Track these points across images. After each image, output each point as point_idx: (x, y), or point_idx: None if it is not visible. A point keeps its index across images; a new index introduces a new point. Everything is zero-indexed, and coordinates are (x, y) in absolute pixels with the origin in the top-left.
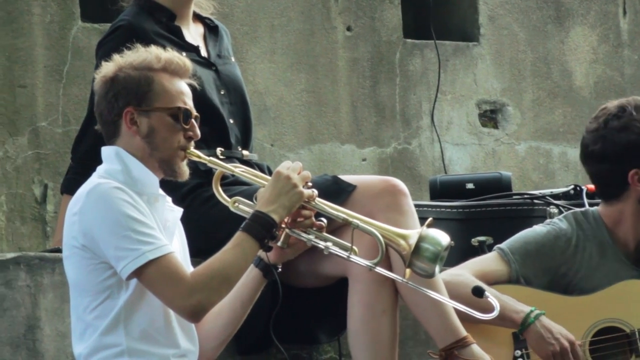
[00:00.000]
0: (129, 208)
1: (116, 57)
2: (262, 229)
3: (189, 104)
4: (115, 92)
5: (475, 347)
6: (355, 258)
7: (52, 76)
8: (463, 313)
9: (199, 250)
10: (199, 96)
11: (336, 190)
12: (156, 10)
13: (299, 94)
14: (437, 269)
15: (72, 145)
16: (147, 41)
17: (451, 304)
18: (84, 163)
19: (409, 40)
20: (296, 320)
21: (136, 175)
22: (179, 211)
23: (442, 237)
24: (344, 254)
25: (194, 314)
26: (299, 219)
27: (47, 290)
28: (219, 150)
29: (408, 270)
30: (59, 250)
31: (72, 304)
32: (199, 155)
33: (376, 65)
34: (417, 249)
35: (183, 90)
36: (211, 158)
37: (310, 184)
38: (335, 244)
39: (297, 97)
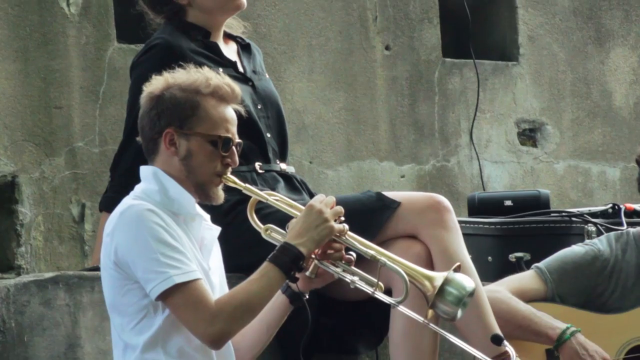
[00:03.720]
0: (159, 231)
1: (166, 75)
2: (289, 260)
3: (232, 131)
4: (159, 110)
5: None
6: (379, 295)
7: (88, 97)
8: (500, 322)
9: (241, 266)
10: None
11: (381, 207)
12: (190, 29)
13: (337, 112)
14: (459, 312)
15: (111, 164)
16: (184, 59)
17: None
18: (122, 181)
19: (448, 60)
20: (335, 331)
21: (173, 195)
22: (216, 230)
23: (467, 282)
24: (369, 289)
25: (215, 342)
26: (328, 252)
27: (87, 309)
28: (257, 164)
29: (430, 311)
30: (98, 269)
31: (112, 323)
32: (235, 181)
33: (415, 83)
34: (442, 292)
35: (227, 118)
36: (247, 185)
37: (342, 218)
38: (362, 278)
39: (335, 115)
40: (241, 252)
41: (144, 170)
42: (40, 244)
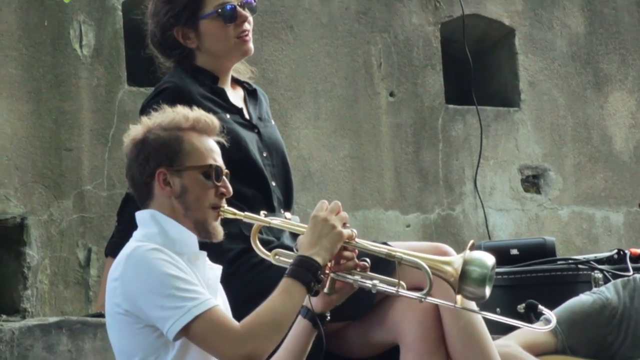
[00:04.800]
0: (168, 267)
1: (144, 119)
2: (307, 272)
3: (219, 161)
4: (146, 153)
5: None
6: (404, 292)
7: (98, 140)
8: None
9: (245, 316)
10: (244, 158)
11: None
12: (199, 74)
13: (342, 159)
14: (487, 290)
15: (118, 208)
16: (192, 103)
17: None
18: (129, 226)
19: (451, 106)
20: None
21: (174, 235)
22: (218, 269)
23: (487, 258)
24: (392, 289)
25: None
26: (342, 262)
27: (88, 356)
28: (262, 212)
29: (459, 297)
30: (102, 315)
31: None
32: (233, 212)
33: (419, 130)
34: (464, 273)
35: (212, 148)
36: (246, 213)
37: (348, 224)
38: (382, 281)
39: (340, 163)
40: (248, 301)
41: (140, 215)
42: (46, 287)
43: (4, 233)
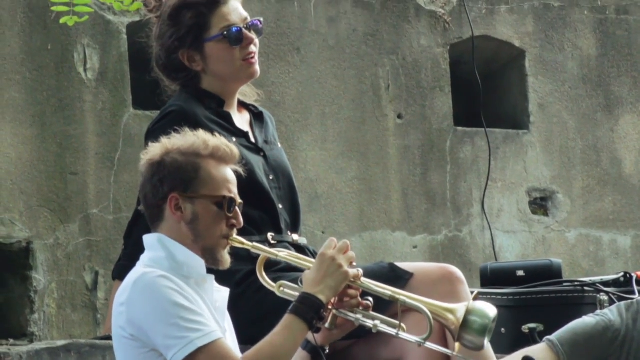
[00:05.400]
0: (175, 295)
1: (164, 140)
2: (309, 310)
3: (234, 191)
4: (162, 176)
5: None
6: (404, 334)
7: (103, 163)
8: None
9: (252, 338)
10: (251, 181)
11: (393, 278)
12: (205, 97)
13: (350, 181)
14: (485, 341)
15: (125, 232)
16: (198, 126)
17: None
18: (136, 249)
19: (459, 128)
20: None
21: (181, 259)
22: (225, 291)
23: (489, 309)
24: (392, 331)
25: None
26: (345, 299)
27: None
28: (269, 235)
29: (457, 345)
30: (110, 338)
31: None
32: (242, 241)
33: (427, 153)
34: (466, 323)
35: (229, 178)
36: (254, 244)
37: (354, 264)
38: (383, 322)
39: (348, 185)
40: (255, 323)
41: (148, 239)
42: (53, 311)
43: (9, 257)
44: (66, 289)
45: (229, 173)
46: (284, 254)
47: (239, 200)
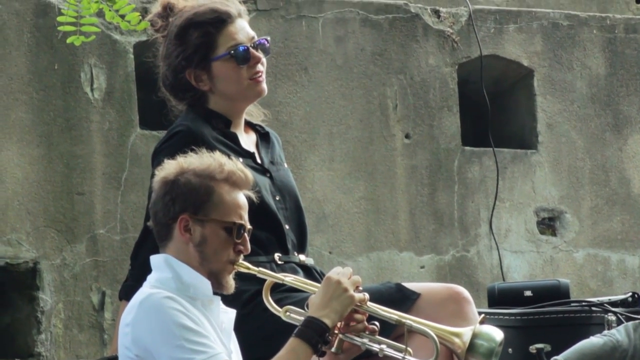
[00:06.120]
0: (181, 317)
1: (180, 160)
2: (315, 334)
3: (245, 217)
4: (174, 196)
5: None
6: (410, 359)
7: (110, 183)
8: None
9: (258, 358)
10: (258, 202)
11: (400, 298)
12: (212, 117)
13: (357, 201)
14: None
15: (132, 252)
16: (205, 146)
17: None
18: (143, 269)
19: (467, 148)
20: None
21: (187, 280)
22: (232, 313)
23: (496, 333)
24: (398, 355)
25: None
26: (351, 323)
27: None
28: (276, 255)
29: None
30: (116, 358)
31: None
32: (247, 266)
33: (434, 172)
34: (472, 346)
35: (240, 204)
36: (260, 269)
37: (360, 288)
38: (390, 346)
39: (355, 205)
40: (261, 343)
41: (155, 259)
42: (60, 331)
43: (16, 278)
44: (73, 309)
45: (241, 198)
46: (290, 279)
47: (248, 226)
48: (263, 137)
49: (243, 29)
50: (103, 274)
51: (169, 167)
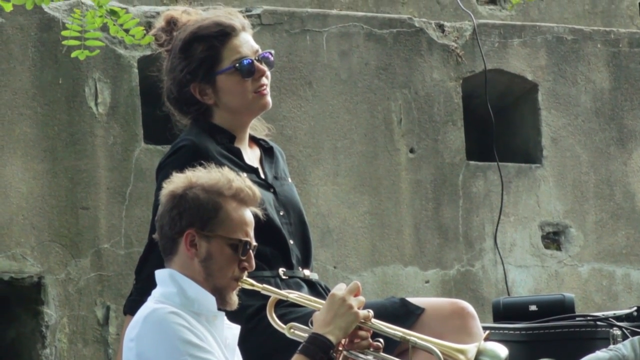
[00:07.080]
0: (185, 332)
1: (188, 174)
2: (319, 350)
3: (251, 235)
4: (181, 210)
5: None
6: None
7: (114, 198)
8: None
9: None
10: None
11: (405, 313)
12: (216, 132)
13: (362, 216)
14: None
15: (136, 267)
16: (210, 161)
17: None
18: (147, 284)
19: (472, 162)
20: None
21: (192, 295)
22: (236, 328)
23: (501, 350)
24: None
25: None
26: (356, 340)
27: None
28: (281, 270)
29: None
30: None
31: None
32: (252, 283)
33: (439, 187)
34: None
35: (247, 221)
36: (264, 285)
37: (364, 303)
38: None
39: (360, 219)
40: (265, 359)
41: (160, 274)
42: (65, 346)
43: (21, 292)
44: (77, 323)
45: (247, 215)
46: (294, 296)
47: (254, 243)
48: (267, 152)
49: (247, 42)
50: (107, 289)
51: (177, 181)
